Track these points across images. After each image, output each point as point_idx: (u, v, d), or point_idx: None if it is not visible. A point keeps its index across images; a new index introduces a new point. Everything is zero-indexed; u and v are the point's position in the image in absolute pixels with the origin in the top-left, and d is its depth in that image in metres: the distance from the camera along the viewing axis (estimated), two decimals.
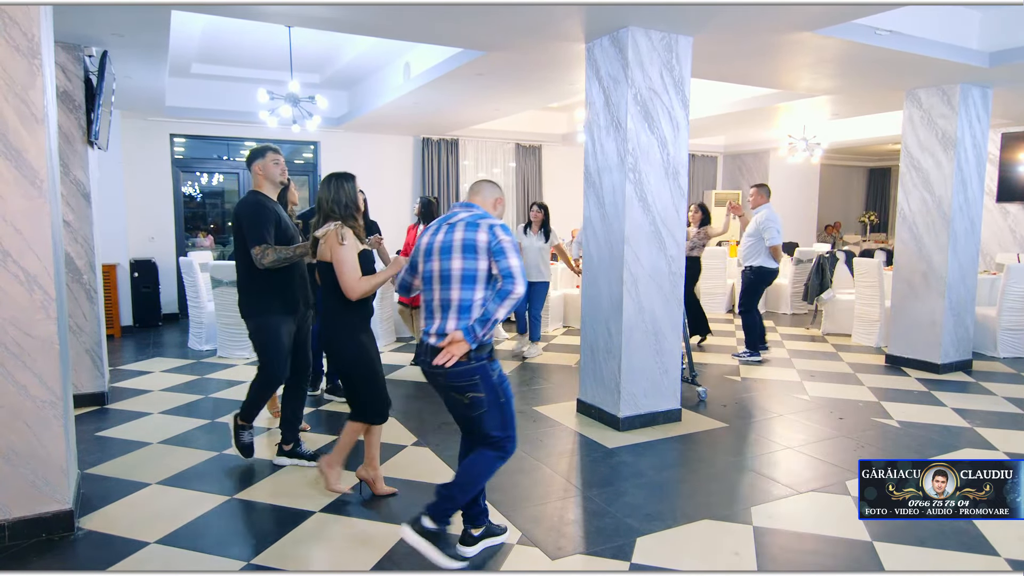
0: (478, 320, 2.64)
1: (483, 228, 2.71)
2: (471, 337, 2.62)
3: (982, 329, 7.05)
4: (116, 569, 2.84)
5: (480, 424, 2.76)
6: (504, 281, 2.64)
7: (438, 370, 2.67)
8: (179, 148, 9.49)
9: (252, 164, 3.84)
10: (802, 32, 4.59)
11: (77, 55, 4.88)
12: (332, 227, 3.22)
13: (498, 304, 2.63)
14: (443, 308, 2.72)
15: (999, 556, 2.95)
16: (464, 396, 2.72)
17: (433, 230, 2.85)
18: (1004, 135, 9.42)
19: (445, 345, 2.64)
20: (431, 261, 2.78)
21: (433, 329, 2.74)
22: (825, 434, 4.59)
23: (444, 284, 2.72)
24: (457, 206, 2.87)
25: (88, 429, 4.54)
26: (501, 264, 2.66)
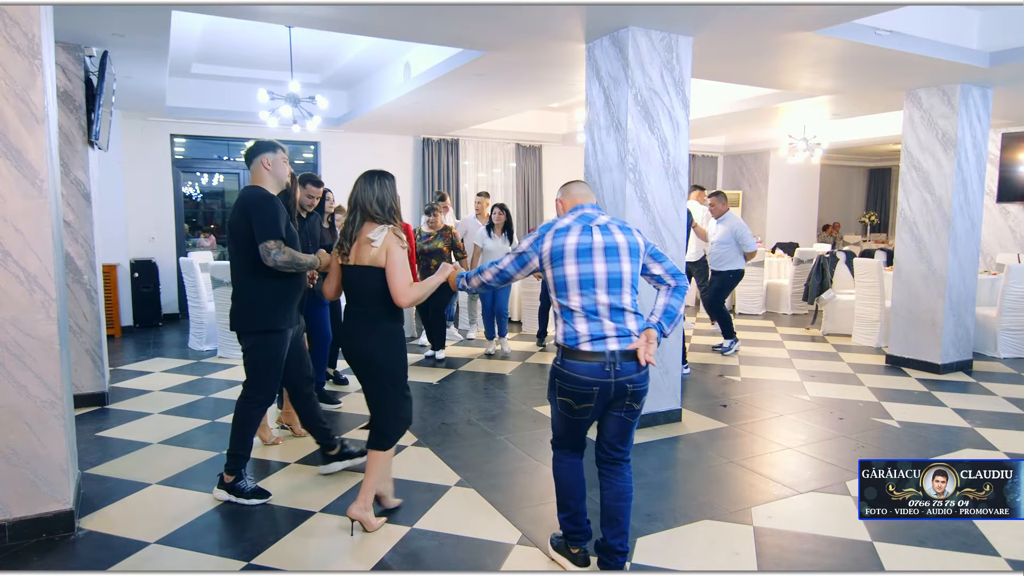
0: (665, 318, 2.58)
1: (634, 232, 2.69)
2: (661, 335, 2.56)
3: (982, 329, 7.05)
4: (116, 569, 2.84)
5: (630, 432, 2.70)
6: (677, 279, 2.66)
7: (632, 375, 2.54)
8: (179, 148, 9.49)
9: (258, 157, 3.44)
10: (802, 32, 4.59)
11: (77, 55, 4.88)
12: (387, 230, 2.99)
13: (681, 301, 2.63)
14: (613, 311, 2.56)
15: (999, 556, 2.95)
16: (640, 402, 2.62)
17: (578, 231, 2.63)
18: (1004, 135, 9.42)
19: (641, 345, 2.52)
20: (591, 263, 2.58)
21: (611, 332, 2.54)
22: (825, 434, 4.59)
23: (613, 287, 2.57)
24: (588, 208, 2.73)
25: (88, 429, 4.55)
26: (667, 265, 2.67)
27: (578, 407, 2.60)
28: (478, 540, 3.09)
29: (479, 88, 7.01)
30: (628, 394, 2.58)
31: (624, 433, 2.68)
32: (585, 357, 2.53)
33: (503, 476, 3.86)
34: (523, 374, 6.24)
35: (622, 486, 2.70)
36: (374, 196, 3.04)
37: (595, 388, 2.54)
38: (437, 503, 3.46)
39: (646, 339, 2.52)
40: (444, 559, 2.92)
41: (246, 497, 3.46)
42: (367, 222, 3.03)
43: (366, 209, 3.03)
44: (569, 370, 2.56)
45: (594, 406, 2.59)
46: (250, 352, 3.44)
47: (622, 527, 2.69)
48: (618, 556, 2.70)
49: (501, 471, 3.94)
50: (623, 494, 2.70)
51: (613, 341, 2.53)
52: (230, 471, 3.48)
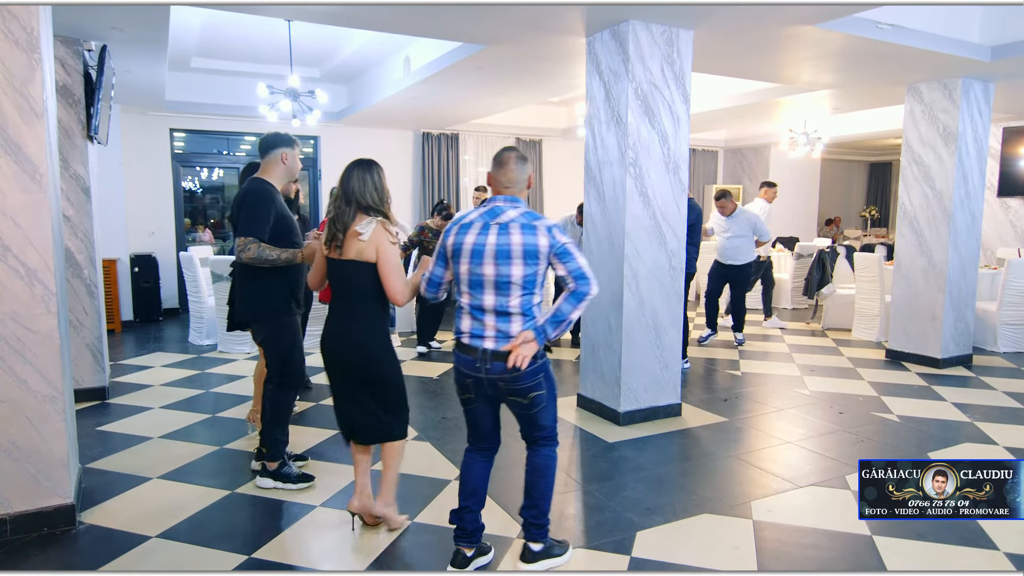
0: (550, 320, 2.53)
1: (542, 232, 2.54)
2: (542, 338, 2.54)
3: (982, 324, 7.05)
4: (112, 568, 2.84)
5: (537, 420, 2.71)
6: (578, 283, 2.52)
7: (504, 374, 2.55)
8: (179, 143, 9.47)
9: (278, 150, 3.45)
10: (803, 26, 4.57)
11: (76, 49, 4.86)
12: (376, 223, 2.84)
13: (574, 306, 2.52)
14: (499, 314, 2.56)
15: (998, 550, 2.96)
16: (526, 397, 2.63)
17: (478, 229, 2.60)
18: (1005, 129, 9.40)
19: (515, 347, 2.51)
20: (482, 265, 2.55)
21: (489, 332, 2.58)
22: (825, 428, 4.60)
23: (501, 290, 2.54)
24: (500, 200, 2.63)
25: (89, 424, 4.55)
26: (571, 266, 2.53)
27: (462, 396, 2.74)
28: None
29: (479, 82, 6.99)
30: (505, 391, 2.62)
31: (527, 422, 2.74)
32: (464, 350, 2.64)
33: (503, 470, 3.86)
34: None
35: (536, 461, 2.76)
36: (373, 186, 2.90)
37: (469, 380, 2.66)
38: (437, 497, 3.47)
39: (522, 340, 2.51)
40: (444, 553, 2.93)
41: (294, 482, 3.51)
42: (359, 214, 2.88)
43: (360, 200, 2.87)
44: (455, 360, 2.70)
45: (474, 397, 2.70)
46: (272, 339, 3.47)
47: (532, 500, 2.75)
48: (531, 528, 2.77)
49: (501, 465, 3.92)
50: (536, 468, 2.76)
51: (490, 340, 2.57)
52: (273, 457, 3.52)
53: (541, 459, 2.76)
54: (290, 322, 3.50)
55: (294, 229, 3.52)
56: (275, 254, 3.33)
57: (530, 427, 2.75)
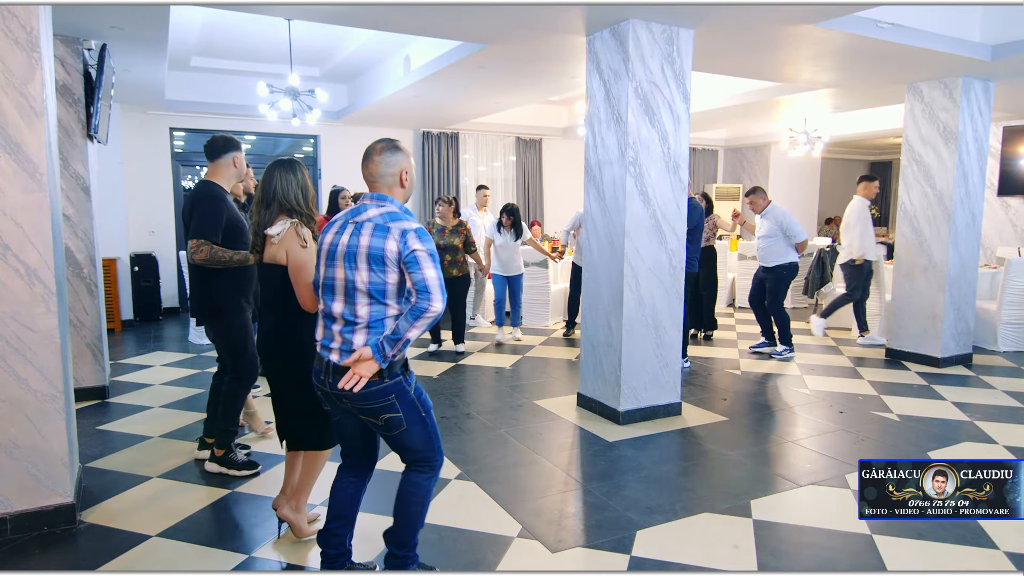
0: (388, 338, 2.25)
1: (393, 235, 2.26)
2: (380, 356, 2.25)
3: (982, 323, 7.05)
4: (113, 567, 2.84)
5: (402, 442, 2.44)
6: (418, 296, 2.23)
7: (343, 392, 2.32)
8: (179, 142, 9.48)
9: (229, 154, 3.59)
10: (803, 25, 4.57)
11: (76, 48, 4.86)
12: (289, 225, 2.75)
13: (411, 322, 2.23)
14: (347, 322, 2.34)
15: (998, 549, 2.96)
16: (378, 419, 2.38)
17: (338, 227, 2.40)
18: (1006, 128, 9.40)
19: (351, 363, 2.29)
20: (333, 267, 2.35)
21: (335, 344, 2.36)
22: (825, 428, 4.60)
23: (349, 297, 2.32)
24: (367, 198, 2.41)
25: (89, 423, 4.55)
26: (415, 276, 2.23)
27: (324, 407, 2.56)
28: (478, 533, 3.09)
29: (479, 81, 6.99)
30: (352, 408, 2.41)
31: (391, 444, 2.48)
32: (316, 360, 2.46)
33: (503, 469, 3.87)
34: (523, 367, 6.24)
35: (401, 486, 2.52)
36: (298, 187, 2.83)
37: (320, 392, 2.48)
38: (437, 496, 3.47)
39: (356, 357, 2.27)
40: (445, 552, 2.93)
41: (238, 468, 3.68)
42: (280, 216, 2.80)
43: (283, 202, 2.80)
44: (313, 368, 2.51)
45: (332, 410, 2.51)
46: (227, 333, 3.61)
47: (395, 526, 2.53)
48: (389, 557, 2.55)
49: (501, 464, 3.95)
50: (400, 493, 2.52)
51: (335, 352, 2.36)
52: (220, 445, 3.68)
53: (406, 484, 2.50)
54: (239, 320, 3.61)
55: (244, 230, 3.58)
56: (228, 255, 3.44)
57: (396, 448, 2.49)
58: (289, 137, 10.01)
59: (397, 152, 2.42)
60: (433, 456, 2.51)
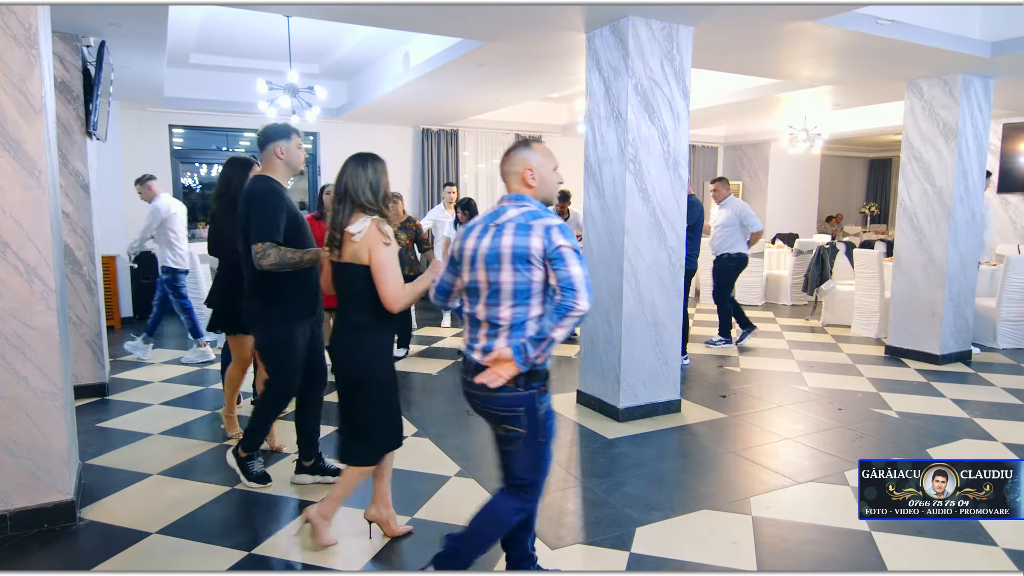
0: (531, 339, 2.19)
1: (536, 232, 2.22)
2: (521, 358, 2.19)
3: (981, 320, 7.05)
4: (113, 563, 2.84)
5: (510, 460, 2.37)
6: (564, 295, 2.15)
7: (477, 391, 2.30)
8: (178, 139, 9.47)
9: (271, 145, 3.24)
10: (803, 22, 4.57)
11: (75, 45, 4.85)
12: (370, 223, 2.65)
13: (556, 322, 2.15)
14: (491, 324, 2.29)
15: (997, 546, 2.96)
16: (500, 427, 2.33)
17: (478, 231, 2.36)
18: (1006, 125, 9.39)
19: (490, 363, 2.25)
20: (476, 271, 2.31)
21: (479, 344, 2.32)
22: (824, 425, 4.60)
23: (492, 299, 2.27)
24: (506, 199, 2.38)
25: (89, 420, 4.56)
26: (560, 274, 2.17)
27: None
28: None
29: (479, 78, 6.98)
30: (479, 409, 2.37)
31: (501, 457, 2.42)
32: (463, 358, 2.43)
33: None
34: None
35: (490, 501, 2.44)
36: (367, 182, 2.72)
37: (464, 391, 2.43)
38: (437, 493, 3.48)
39: (496, 357, 2.23)
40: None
41: (248, 476, 3.54)
42: (356, 212, 2.72)
43: (356, 198, 2.70)
44: None
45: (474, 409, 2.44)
46: (265, 347, 3.32)
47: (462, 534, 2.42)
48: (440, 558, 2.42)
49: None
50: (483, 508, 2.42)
51: (478, 352, 2.32)
52: (244, 447, 3.52)
53: (495, 501, 2.42)
54: (288, 332, 3.27)
55: (306, 226, 3.35)
56: (297, 256, 3.12)
57: (501, 463, 2.43)
58: None
59: (525, 149, 2.39)
60: (533, 488, 2.40)
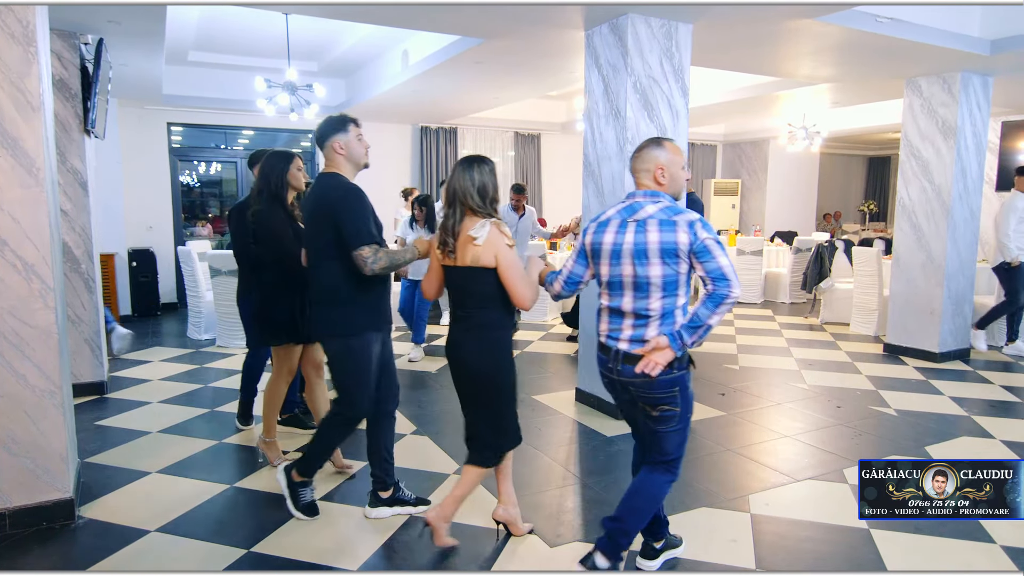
0: (686, 327, 2.33)
1: (682, 227, 2.34)
2: (677, 344, 2.32)
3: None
4: (113, 562, 2.84)
5: (661, 441, 2.52)
6: (716, 284, 2.28)
7: (634, 379, 2.41)
8: (176, 137, 9.46)
9: (328, 141, 2.96)
10: (803, 20, 4.57)
11: (73, 42, 4.84)
12: (490, 226, 2.64)
13: (712, 310, 2.28)
14: (639, 315, 2.41)
15: (995, 543, 2.97)
16: (655, 408, 2.46)
17: (615, 226, 2.47)
18: (1004, 123, 9.40)
19: (647, 352, 2.36)
20: (621, 265, 2.42)
21: (624, 335, 2.44)
22: (823, 422, 4.61)
23: (640, 292, 2.39)
24: (639, 195, 2.47)
25: (88, 418, 4.55)
26: (709, 266, 2.30)
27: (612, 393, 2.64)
28: (477, 527, 3.10)
29: (478, 76, 6.97)
30: (637, 396, 2.48)
31: (652, 441, 2.57)
32: (601, 349, 2.56)
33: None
34: (521, 363, 6.25)
35: (641, 478, 2.60)
36: (474, 185, 2.67)
37: (606, 380, 2.59)
38: (436, 491, 3.48)
39: (654, 346, 2.36)
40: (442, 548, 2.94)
41: (296, 504, 3.18)
42: (468, 216, 2.68)
43: (465, 201, 2.67)
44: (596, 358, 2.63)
45: (616, 398, 2.63)
46: (338, 359, 3.00)
47: (620, 514, 2.55)
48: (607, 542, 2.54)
49: None
50: (639, 488, 2.58)
51: (624, 342, 2.45)
52: (300, 471, 3.16)
53: (647, 482, 2.57)
54: (364, 342, 2.99)
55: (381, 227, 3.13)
56: (400, 255, 2.92)
57: (652, 449, 2.57)
58: (287, 132, 9.99)
59: (656, 148, 2.48)
60: (679, 460, 2.59)
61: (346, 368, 2.99)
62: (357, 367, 2.99)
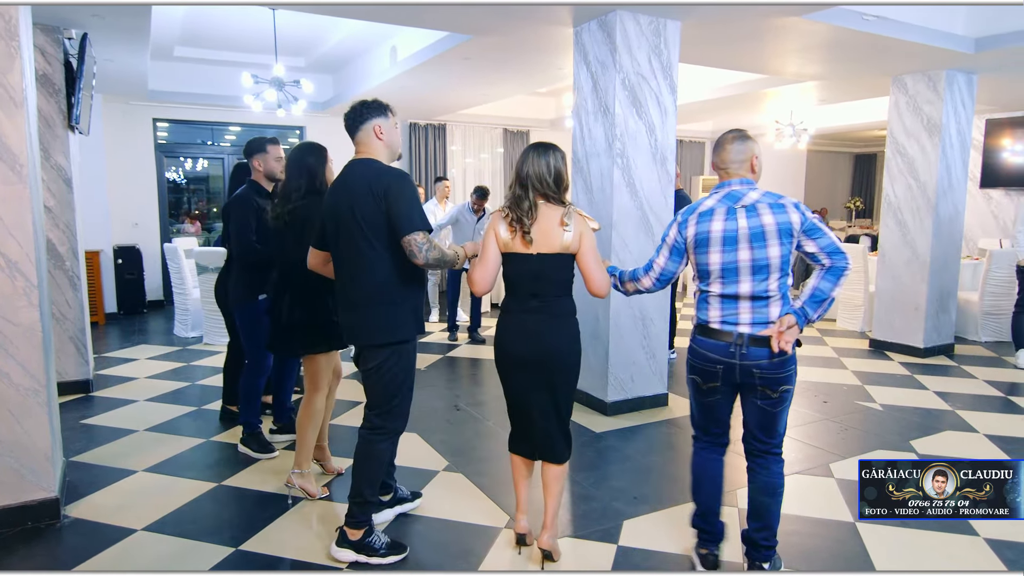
0: (809, 301, 2.41)
1: (790, 208, 2.46)
2: (803, 321, 2.41)
3: (964, 314, 7.14)
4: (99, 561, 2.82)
5: (775, 422, 2.56)
6: (833, 258, 2.41)
7: (761, 360, 2.46)
8: (162, 133, 9.37)
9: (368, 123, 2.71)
10: (789, 17, 4.59)
11: (56, 37, 4.79)
12: (574, 213, 2.61)
13: (834, 283, 2.40)
14: (756, 299, 2.47)
15: (978, 536, 3.00)
16: (777, 390, 2.50)
17: (723, 214, 2.51)
18: (988, 121, 9.48)
19: (777, 332, 2.40)
20: (737, 251, 2.47)
21: (744, 319, 2.48)
22: (810, 417, 4.65)
23: (759, 274, 2.45)
24: (736, 183, 2.54)
25: (73, 417, 4.51)
26: (822, 242, 2.42)
27: (706, 385, 2.62)
28: (466, 524, 3.10)
29: (466, 72, 6.96)
30: (759, 379, 2.50)
31: (764, 424, 2.59)
32: (714, 335, 2.54)
33: (491, 461, 3.88)
34: None
35: (766, 480, 2.62)
36: (550, 172, 2.62)
37: (719, 367, 2.55)
38: (425, 488, 3.47)
39: (786, 325, 2.41)
40: (432, 543, 2.94)
41: (381, 556, 2.77)
42: (540, 201, 2.62)
43: (540, 187, 2.61)
44: (697, 346, 2.60)
45: (720, 385, 2.59)
46: (389, 365, 2.71)
47: (765, 522, 2.62)
48: (762, 550, 2.64)
49: (489, 456, 3.96)
50: (766, 488, 2.61)
51: (745, 326, 2.48)
52: (357, 524, 2.75)
53: (775, 476, 2.62)
54: (410, 350, 2.78)
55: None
56: (450, 253, 2.71)
57: (763, 431, 2.60)
58: (275, 128, 9.91)
59: (748, 141, 2.58)
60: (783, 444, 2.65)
61: (396, 377, 2.73)
62: (408, 375, 2.77)
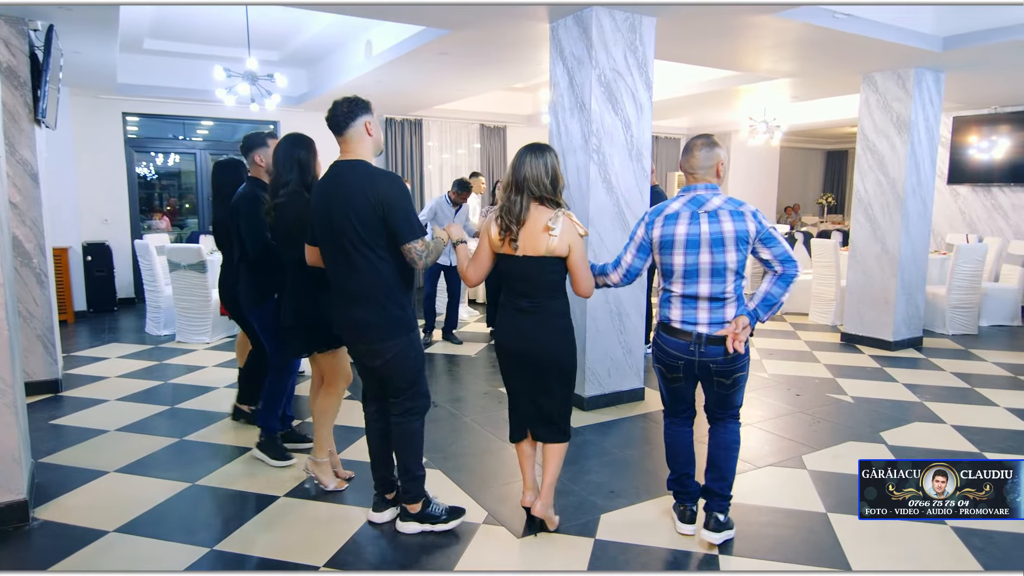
0: (761, 305, 2.67)
1: (748, 217, 2.65)
2: (755, 322, 2.66)
3: (932, 307, 7.29)
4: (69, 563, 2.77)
5: (731, 399, 2.83)
6: (785, 266, 2.65)
7: (717, 357, 2.68)
8: (132, 127, 9.19)
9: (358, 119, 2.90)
10: (762, 15, 4.64)
11: (21, 28, 4.67)
12: (563, 216, 2.64)
13: (784, 288, 2.66)
14: (713, 300, 2.68)
15: (945, 524, 3.07)
16: (730, 378, 2.75)
17: (686, 218, 2.67)
18: (955, 118, 9.67)
19: (732, 332, 2.61)
20: (698, 254, 2.65)
21: (703, 319, 2.69)
22: (783, 410, 4.72)
23: (717, 277, 2.66)
24: (701, 188, 2.71)
25: (42, 417, 4.42)
26: (776, 250, 2.65)
27: (670, 376, 2.85)
28: None
29: (443, 67, 6.92)
30: (715, 372, 2.74)
31: (721, 401, 2.85)
32: (675, 334, 2.75)
33: (469, 457, 3.88)
34: (488, 356, 6.25)
35: (723, 437, 2.89)
36: (547, 173, 2.66)
37: (680, 362, 2.77)
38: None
39: (741, 326, 2.62)
40: (410, 539, 2.93)
41: (444, 522, 2.98)
42: (534, 204, 2.67)
43: (535, 188, 2.65)
44: (661, 343, 2.82)
45: (682, 376, 2.82)
46: (402, 359, 2.83)
47: (721, 472, 2.87)
48: (718, 499, 2.88)
49: (467, 452, 3.96)
50: (723, 443, 2.88)
51: (703, 326, 2.69)
52: (414, 498, 2.96)
53: (730, 434, 2.89)
54: (418, 336, 2.92)
55: None
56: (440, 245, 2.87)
57: (721, 408, 2.87)
58: (248, 123, 9.78)
59: (715, 148, 2.72)
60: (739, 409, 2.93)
61: (415, 362, 2.89)
62: (422, 356, 2.95)
